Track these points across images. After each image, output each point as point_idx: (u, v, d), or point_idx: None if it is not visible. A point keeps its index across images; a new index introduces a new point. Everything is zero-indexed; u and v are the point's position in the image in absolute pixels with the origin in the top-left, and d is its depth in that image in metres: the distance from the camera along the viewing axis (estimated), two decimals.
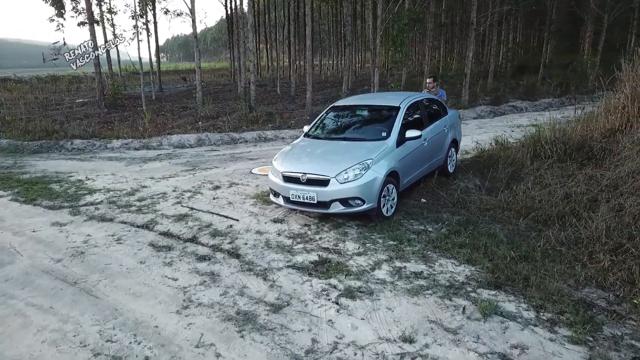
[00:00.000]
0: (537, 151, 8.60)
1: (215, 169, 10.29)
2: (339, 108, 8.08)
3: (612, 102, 9.17)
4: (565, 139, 8.65)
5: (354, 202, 6.34)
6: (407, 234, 6.24)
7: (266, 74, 37.13)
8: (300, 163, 6.76)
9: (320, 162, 6.66)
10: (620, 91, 9.20)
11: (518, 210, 6.81)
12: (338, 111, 8.07)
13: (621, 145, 7.78)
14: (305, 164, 6.70)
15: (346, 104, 8.12)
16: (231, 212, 7.35)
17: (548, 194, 6.91)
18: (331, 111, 8.08)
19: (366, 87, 24.55)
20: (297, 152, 7.15)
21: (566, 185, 6.95)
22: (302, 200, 6.48)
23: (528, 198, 6.93)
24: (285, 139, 13.82)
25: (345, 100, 8.26)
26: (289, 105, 19.60)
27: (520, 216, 6.66)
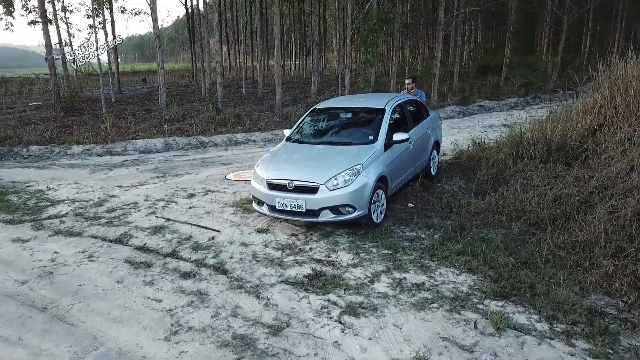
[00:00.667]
0: (519, 152, 8.53)
1: (187, 175, 9.78)
2: (321, 111, 7.77)
3: (589, 102, 9.21)
4: (546, 140, 8.61)
5: (345, 210, 6.04)
6: (400, 242, 5.99)
7: (229, 75, 36.40)
8: (285, 169, 6.40)
9: (307, 168, 6.33)
10: (596, 91, 9.27)
11: (508, 213, 6.68)
12: (320, 114, 7.75)
13: (604, 146, 7.78)
14: (291, 170, 6.35)
15: (328, 107, 7.81)
16: (211, 222, 6.91)
17: (537, 197, 6.80)
18: (313, 114, 7.76)
19: (333, 88, 24.34)
20: (281, 158, 6.79)
21: (555, 187, 6.86)
22: (290, 208, 6.12)
23: (518, 201, 6.80)
24: (257, 142, 13.39)
25: (327, 102, 7.96)
26: (257, 107, 19.14)
27: (512, 219, 6.53)
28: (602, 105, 8.89)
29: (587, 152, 8.16)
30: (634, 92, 7.98)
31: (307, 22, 44.76)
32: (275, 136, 13.83)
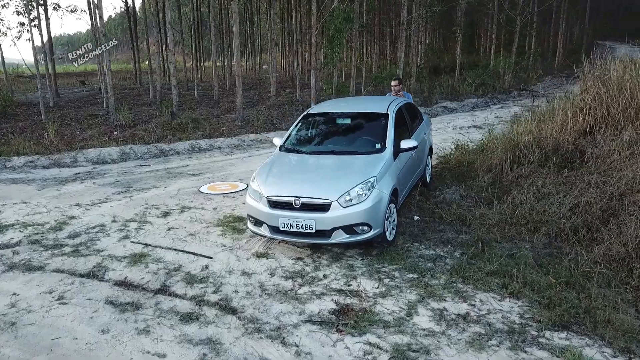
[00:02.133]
0: (515, 156, 8.16)
1: (154, 189, 8.73)
2: (315, 116, 7.02)
3: (578, 103, 9.00)
4: (540, 143, 8.30)
5: (360, 229, 5.34)
6: (422, 262, 5.38)
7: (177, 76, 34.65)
8: (288, 184, 5.62)
9: (314, 182, 5.58)
10: (584, 92, 9.08)
11: (525, 224, 6.23)
12: (315, 120, 7.01)
13: (606, 148, 7.52)
14: (295, 185, 5.57)
15: (324, 111, 7.08)
16: (198, 246, 6.01)
17: (552, 205, 6.39)
18: (307, 120, 7.00)
19: (288, 89, 23.58)
20: (280, 171, 6.00)
21: (570, 195, 6.48)
22: (296, 229, 5.35)
23: (534, 211, 6.37)
24: (222, 148, 12.42)
25: (320, 106, 7.22)
26: (213, 110, 18.06)
27: (530, 231, 6.08)
28: (591, 107, 8.70)
29: (585, 155, 7.91)
30: (630, 93, 7.78)
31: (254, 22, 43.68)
32: (241, 142, 12.92)
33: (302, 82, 20.98)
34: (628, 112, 7.78)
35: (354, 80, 20.00)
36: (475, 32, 43.09)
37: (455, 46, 38.12)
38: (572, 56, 36.20)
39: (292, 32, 20.49)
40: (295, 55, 23.12)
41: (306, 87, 23.86)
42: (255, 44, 46.66)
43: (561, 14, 29.80)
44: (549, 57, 31.79)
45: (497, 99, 20.54)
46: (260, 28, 45.82)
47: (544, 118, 9.74)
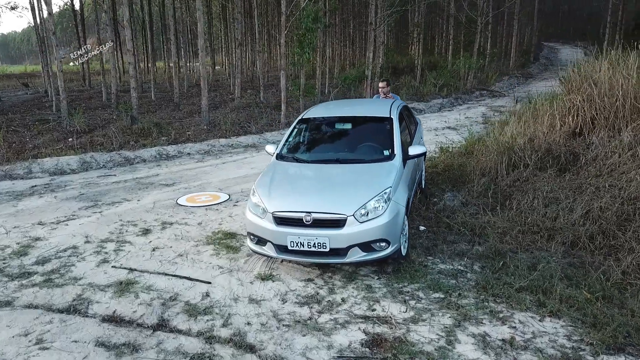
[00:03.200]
0: (510, 159, 7.93)
1: (126, 202, 7.93)
2: (311, 121, 6.48)
3: (566, 104, 8.91)
4: (534, 145, 8.13)
5: (378, 246, 4.87)
6: (443, 279, 4.98)
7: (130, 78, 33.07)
8: (296, 198, 5.07)
9: (325, 195, 5.06)
10: (571, 92, 9.00)
11: (537, 232, 5.96)
12: (312, 125, 6.47)
13: (601, 151, 7.40)
14: (304, 198, 5.03)
15: (321, 116, 6.55)
16: (192, 269, 5.37)
17: (563, 210, 6.15)
18: (303, 125, 6.45)
19: (250, 90, 22.85)
20: (283, 182, 5.43)
21: (579, 200, 6.26)
22: (307, 248, 4.82)
23: (545, 217, 6.10)
24: (192, 155, 11.64)
25: (316, 110, 6.69)
26: (175, 114, 17.13)
27: (543, 239, 5.81)
28: (580, 108, 8.62)
29: (579, 157, 7.78)
30: (622, 93, 7.71)
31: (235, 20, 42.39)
32: (211, 147, 12.18)
33: (264, 83, 20.32)
34: (623, 112, 7.70)
35: (318, 82, 19.55)
36: (428, 33, 43.68)
37: (411, 47, 38.54)
38: (524, 57, 37.38)
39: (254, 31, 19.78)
40: (257, 56, 22.41)
41: (269, 88, 23.24)
42: (208, 45, 45.34)
43: (514, 15, 30.52)
44: (503, 57, 32.53)
45: (461, 99, 20.64)
46: (212, 28, 44.59)
47: (529, 119, 9.62)
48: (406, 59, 30.90)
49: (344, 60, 30.41)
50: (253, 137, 13.09)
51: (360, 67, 28.67)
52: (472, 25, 23.37)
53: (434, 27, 42.56)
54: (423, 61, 25.66)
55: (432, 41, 41.61)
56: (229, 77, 29.84)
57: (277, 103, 19.11)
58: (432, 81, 21.43)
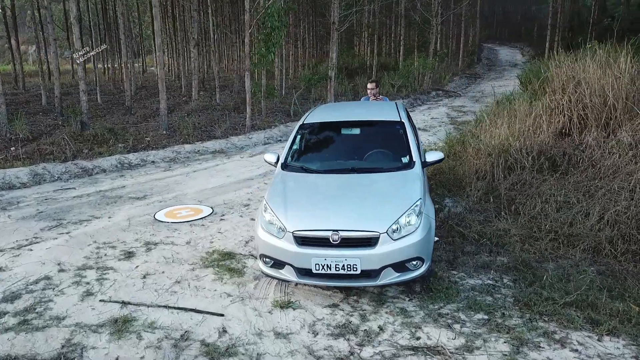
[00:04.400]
0: (507, 162, 7.72)
1: (95, 220, 7.05)
2: (315, 126, 5.93)
3: (551, 105, 8.85)
4: (527, 147, 7.98)
5: (412, 265, 4.42)
6: (478, 297, 4.61)
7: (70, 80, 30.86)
8: (319, 214, 4.52)
9: (350, 209, 4.54)
10: (556, 92, 8.95)
11: (555, 239, 5.72)
12: (317, 130, 5.92)
13: (597, 152, 7.32)
14: (328, 214, 4.48)
15: (324, 121, 6.00)
16: (196, 299, 4.70)
17: (577, 215, 5.95)
18: (306, 131, 5.88)
19: (201, 92, 21.85)
20: (299, 196, 4.84)
21: (591, 203, 6.08)
22: (335, 271, 4.29)
23: (564, 224, 5.87)
24: (157, 163, 10.73)
25: (317, 115, 6.13)
26: (127, 118, 15.96)
27: (564, 246, 5.58)
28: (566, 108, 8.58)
29: (572, 158, 7.69)
30: (613, 93, 7.68)
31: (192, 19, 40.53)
32: (177, 154, 11.31)
33: (219, 84, 19.47)
34: (615, 112, 7.66)
35: (278, 83, 18.94)
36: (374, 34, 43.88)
37: (358, 47, 38.55)
38: (469, 57, 38.33)
39: (209, 31, 18.84)
40: (212, 56, 21.45)
41: (222, 89, 22.33)
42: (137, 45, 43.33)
43: (461, 16, 31.17)
44: (451, 58, 33.16)
45: (420, 100, 20.67)
46: (142, 27, 42.76)
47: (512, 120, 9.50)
48: (357, 59, 30.78)
49: (297, 61, 29.89)
50: (220, 142, 12.32)
51: (314, 67, 28.29)
52: (425, 25, 23.52)
53: (381, 28, 42.82)
54: (373, 62, 25.55)
55: (379, 42, 41.85)
56: (177, 79, 28.55)
57: (235, 105, 18.34)
58: (390, 82, 21.31)
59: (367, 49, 32.83)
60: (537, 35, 61.44)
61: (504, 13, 74.41)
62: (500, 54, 51.14)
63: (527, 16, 69.68)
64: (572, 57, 9.27)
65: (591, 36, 31.39)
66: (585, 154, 7.53)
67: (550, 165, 7.65)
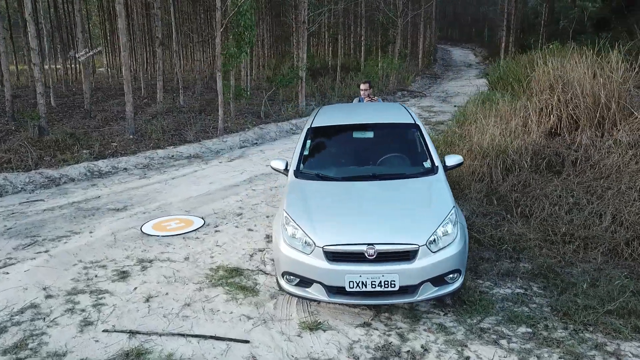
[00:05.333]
0: (505, 163, 7.62)
1: (75, 236, 6.41)
2: (326, 130, 5.53)
3: (538, 105, 8.85)
4: (522, 147, 7.92)
5: (450, 278, 4.15)
6: (515, 308, 4.40)
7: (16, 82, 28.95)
8: (350, 226, 4.16)
9: (382, 220, 4.21)
10: (542, 93, 8.97)
11: (571, 241, 5.61)
12: (327, 134, 5.54)
13: (594, 151, 7.33)
14: (360, 226, 4.14)
15: (335, 124, 5.63)
16: (212, 324, 4.25)
17: (589, 216, 5.88)
18: (314, 136, 5.47)
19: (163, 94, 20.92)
20: (323, 207, 4.46)
21: (601, 204, 6.02)
22: (372, 288, 3.95)
23: (574, 225, 5.77)
24: (129, 170, 10.02)
25: (325, 117, 5.73)
26: (87, 122, 14.96)
27: (582, 249, 5.47)
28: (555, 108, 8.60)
29: (566, 157, 7.69)
30: (605, 93, 7.72)
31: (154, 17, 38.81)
32: (150, 160, 10.63)
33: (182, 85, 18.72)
34: (607, 112, 7.70)
35: (245, 83, 18.39)
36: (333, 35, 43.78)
37: (317, 48, 38.29)
38: (428, 58, 38.86)
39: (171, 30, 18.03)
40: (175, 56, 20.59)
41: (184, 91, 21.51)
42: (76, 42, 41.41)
43: (421, 17, 31.51)
44: (410, 58, 33.45)
45: (387, 101, 20.59)
46: (90, 25, 40.82)
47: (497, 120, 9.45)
48: (318, 60, 30.52)
49: (257, 61, 29.31)
50: (193, 147, 11.70)
51: (275, 67, 27.80)
52: (389, 25, 23.54)
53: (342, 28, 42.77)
54: (341, 62, 25.38)
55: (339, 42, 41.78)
56: (135, 80, 27.31)
57: (201, 107, 17.66)
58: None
59: (328, 50, 32.58)
60: (487, 37, 63.44)
61: (455, 14, 76.27)
62: (454, 55, 52.33)
63: (476, 18, 71.77)
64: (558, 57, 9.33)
65: (542, 37, 32.52)
66: (580, 154, 7.53)
67: (547, 166, 7.61)
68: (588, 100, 7.88)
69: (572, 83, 8.16)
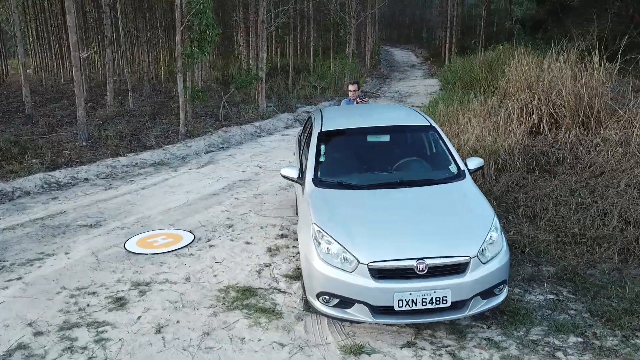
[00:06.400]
0: (497, 163, 7.58)
1: (49, 259, 5.68)
2: (338, 134, 5.15)
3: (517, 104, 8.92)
4: (510, 147, 7.92)
5: (498, 290, 3.93)
6: (555, 315, 4.26)
7: None
8: (395, 239, 3.83)
9: (426, 231, 3.93)
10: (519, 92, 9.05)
11: (583, 242, 5.58)
12: (339, 139, 5.16)
13: (582, 150, 7.43)
14: (406, 239, 3.83)
15: (347, 128, 5.26)
16: (243, 355, 3.80)
17: (596, 216, 5.88)
18: (327, 141, 5.06)
19: (105, 97, 19.69)
20: (358, 219, 4.09)
21: (606, 203, 6.05)
22: (422, 306, 3.65)
23: (582, 225, 5.75)
24: (91, 180, 9.15)
25: (334, 121, 5.33)
26: (30, 129, 13.71)
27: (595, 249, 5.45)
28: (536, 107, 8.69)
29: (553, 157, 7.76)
30: (588, 92, 7.86)
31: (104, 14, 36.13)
32: (113, 169, 9.78)
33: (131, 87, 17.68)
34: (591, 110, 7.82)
35: (197, 85, 17.60)
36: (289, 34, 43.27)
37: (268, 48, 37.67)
38: (373, 58, 39.22)
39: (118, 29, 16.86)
40: (122, 57, 19.37)
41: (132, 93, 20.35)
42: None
43: (368, 18, 31.69)
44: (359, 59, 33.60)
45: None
46: None
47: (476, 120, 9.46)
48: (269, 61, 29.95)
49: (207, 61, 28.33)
50: (157, 153, 10.94)
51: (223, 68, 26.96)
52: (342, 26, 23.43)
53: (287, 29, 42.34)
54: (292, 63, 25.00)
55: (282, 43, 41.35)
56: (71, 82, 25.56)
57: (152, 111, 16.74)
58: (313, 83, 20.87)
59: (277, 50, 32.10)
60: (426, 38, 65.20)
61: (392, 16, 77.79)
62: (396, 55, 53.26)
63: (413, 19, 73.58)
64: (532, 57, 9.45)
65: (482, 39, 33.67)
66: (567, 152, 7.61)
67: (536, 165, 7.64)
68: (571, 99, 7.98)
69: (552, 82, 8.25)
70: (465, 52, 34.54)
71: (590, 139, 7.49)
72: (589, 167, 7.06)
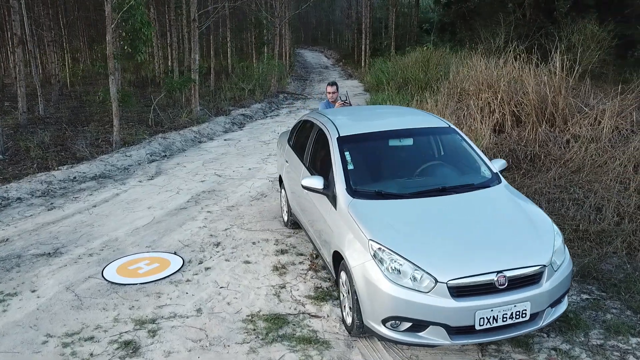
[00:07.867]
0: None
1: (13, 299, 4.70)
2: (357, 140, 4.72)
3: (478, 104, 9.08)
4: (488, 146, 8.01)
5: (564, 297, 3.79)
6: (602, 317, 4.22)
7: None
8: (470, 252, 3.54)
9: (495, 240, 3.70)
10: (480, 92, 9.23)
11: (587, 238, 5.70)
12: (361, 145, 4.74)
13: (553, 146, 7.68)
14: (482, 251, 3.55)
15: (367, 132, 4.84)
16: None
17: (590, 211, 6.04)
18: (348, 146, 4.62)
19: (6, 103, 17.54)
20: (420, 231, 3.74)
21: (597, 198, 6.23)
22: (502, 322, 3.41)
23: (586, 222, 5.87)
24: (26, 200, 7.78)
25: (347, 126, 4.86)
26: None
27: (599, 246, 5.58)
28: (498, 106, 8.90)
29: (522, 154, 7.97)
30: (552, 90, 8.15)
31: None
32: (49, 185, 8.49)
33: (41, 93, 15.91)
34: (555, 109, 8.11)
35: (121, 87, 16.21)
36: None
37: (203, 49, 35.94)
38: (290, 59, 38.96)
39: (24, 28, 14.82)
40: (31, 58, 17.21)
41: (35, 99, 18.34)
42: None
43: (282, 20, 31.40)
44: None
45: (275, 104, 19.90)
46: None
47: None
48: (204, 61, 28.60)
49: None
50: (95, 165, 9.75)
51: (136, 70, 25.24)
52: (266, 26, 22.92)
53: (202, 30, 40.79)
54: (213, 65, 24.02)
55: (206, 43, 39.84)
56: None
57: (69, 117, 15.15)
58: (241, 85, 20.15)
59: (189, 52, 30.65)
60: (334, 39, 66.28)
61: (299, 17, 78.27)
62: (307, 57, 53.58)
63: (320, 21, 74.51)
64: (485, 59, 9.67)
65: (393, 41, 34.79)
66: (536, 150, 7.83)
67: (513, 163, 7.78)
68: (534, 98, 8.23)
69: (514, 82, 8.47)
70: (376, 54, 35.55)
71: (560, 136, 7.76)
72: (564, 163, 7.28)
